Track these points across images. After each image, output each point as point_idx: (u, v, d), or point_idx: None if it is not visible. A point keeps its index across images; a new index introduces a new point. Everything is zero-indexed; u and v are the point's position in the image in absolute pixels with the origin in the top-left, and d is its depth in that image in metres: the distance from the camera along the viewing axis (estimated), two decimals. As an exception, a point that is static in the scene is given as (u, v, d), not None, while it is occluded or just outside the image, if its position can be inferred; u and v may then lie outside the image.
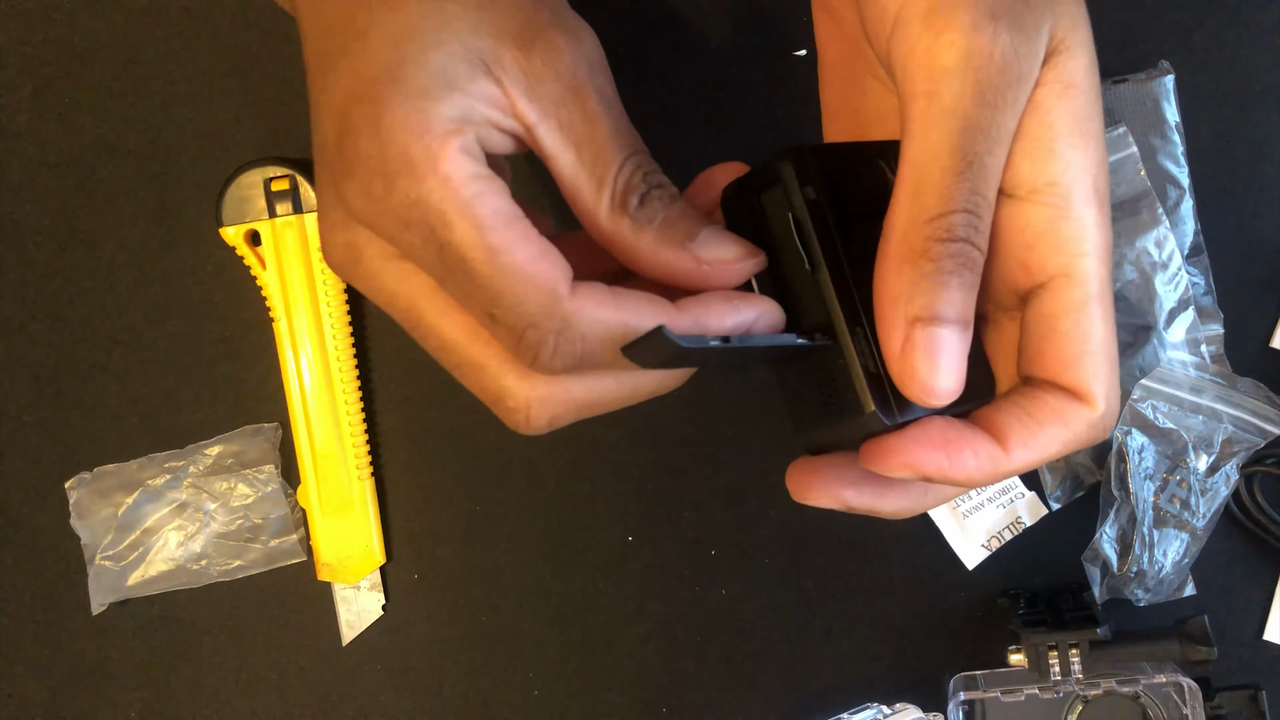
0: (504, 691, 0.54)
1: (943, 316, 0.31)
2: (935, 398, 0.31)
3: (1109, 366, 0.33)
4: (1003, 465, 0.33)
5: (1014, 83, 0.31)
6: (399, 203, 0.30)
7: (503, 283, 0.30)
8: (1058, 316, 0.33)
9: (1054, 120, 0.32)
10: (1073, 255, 0.32)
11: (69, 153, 0.55)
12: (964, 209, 0.31)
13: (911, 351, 0.31)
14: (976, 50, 0.31)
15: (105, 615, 0.54)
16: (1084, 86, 0.32)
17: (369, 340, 0.55)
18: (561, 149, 0.32)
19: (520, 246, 0.30)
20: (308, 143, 0.54)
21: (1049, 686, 0.50)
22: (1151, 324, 0.51)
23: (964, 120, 0.31)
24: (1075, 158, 0.32)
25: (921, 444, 0.32)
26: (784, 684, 0.54)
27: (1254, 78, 0.52)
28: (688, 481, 0.54)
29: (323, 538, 0.54)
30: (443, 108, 0.30)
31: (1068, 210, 0.32)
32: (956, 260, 0.31)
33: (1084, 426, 0.33)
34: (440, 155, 0.30)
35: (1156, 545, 0.51)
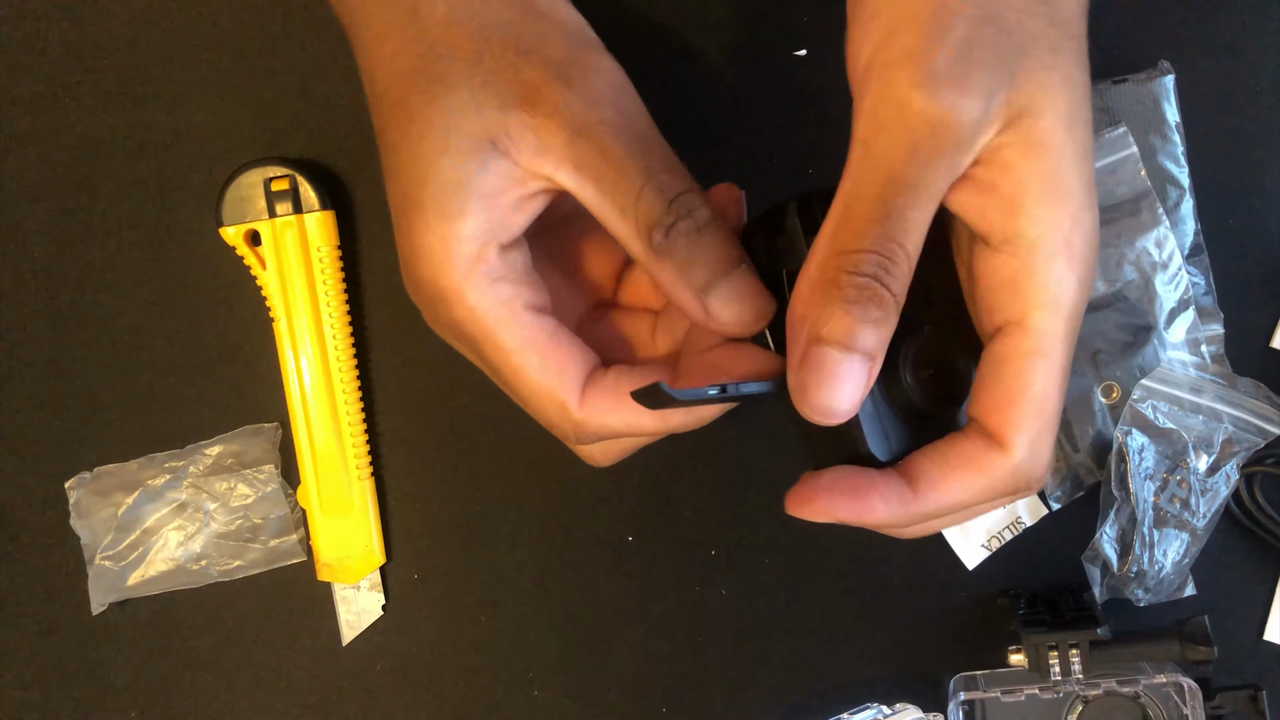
0: (504, 691, 0.54)
1: (838, 340, 0.33)
2: (820, 415, 0.33)
3: (1040, 421, 0.34)
4: (914, 508, 0.35)
5: (948, 144, 0.32)
6: (442, 322, 0.37)
7: (526, 395, 0.37)
8: (1001, 361, 0.34)
9: (1021, 178, 0.33)
10: (1029, 306, 0.33)
11: (69, 153, 0.55)
12: (875, 251, 0.32)
13: (805, 367, 0.33)
14: (913, 110, 0.32)
15: (105, 615, 0.54)
16: (1054, 144, 0.33)
17: (369, 340, 0.55)
18: (581, 184, 0.35)
19: (535, 369, 0.36)
20: (308, 143, 0.54)
21: (1049, 686, 0.50)
22: (1151, 324, 0.51)
23: (889, 173, 0.32)
24: (1045, 215, 0.33)
25: (832, 492, 0.35)
26: (784, 684, 0.54)
27: (1254, 78, 0.52)
28: (688, 481, 0.54)
29: (323, 538, 0.54)
30: (461, 227, 0.35)
31: (1031, 263, 0.33)
32: (862, 292, 0.32)
33: (999, 475, 0.34)
34: (465, 288, 0.35)
35: (1156, 545, 0.51)
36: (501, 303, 0.35)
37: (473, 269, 0.35)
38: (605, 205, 0.35)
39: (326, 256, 0.53)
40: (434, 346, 0.54)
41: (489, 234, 0.35)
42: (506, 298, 0.36)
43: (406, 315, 0.54)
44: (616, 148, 0.35)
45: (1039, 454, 0.35)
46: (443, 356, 0.54)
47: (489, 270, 0.35)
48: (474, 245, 0.35)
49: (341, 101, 0.54)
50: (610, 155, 0.35)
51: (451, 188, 0.35)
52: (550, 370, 0.36)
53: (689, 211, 0.35)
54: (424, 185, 0.35)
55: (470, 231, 0.35)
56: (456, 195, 0.35)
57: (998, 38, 0.32)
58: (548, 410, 0.37)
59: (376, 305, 0.55)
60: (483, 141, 0.35)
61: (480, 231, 0.35)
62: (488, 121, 0.35)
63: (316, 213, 0.53)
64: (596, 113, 0.35)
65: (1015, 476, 0.35)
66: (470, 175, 0.35)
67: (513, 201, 0.35)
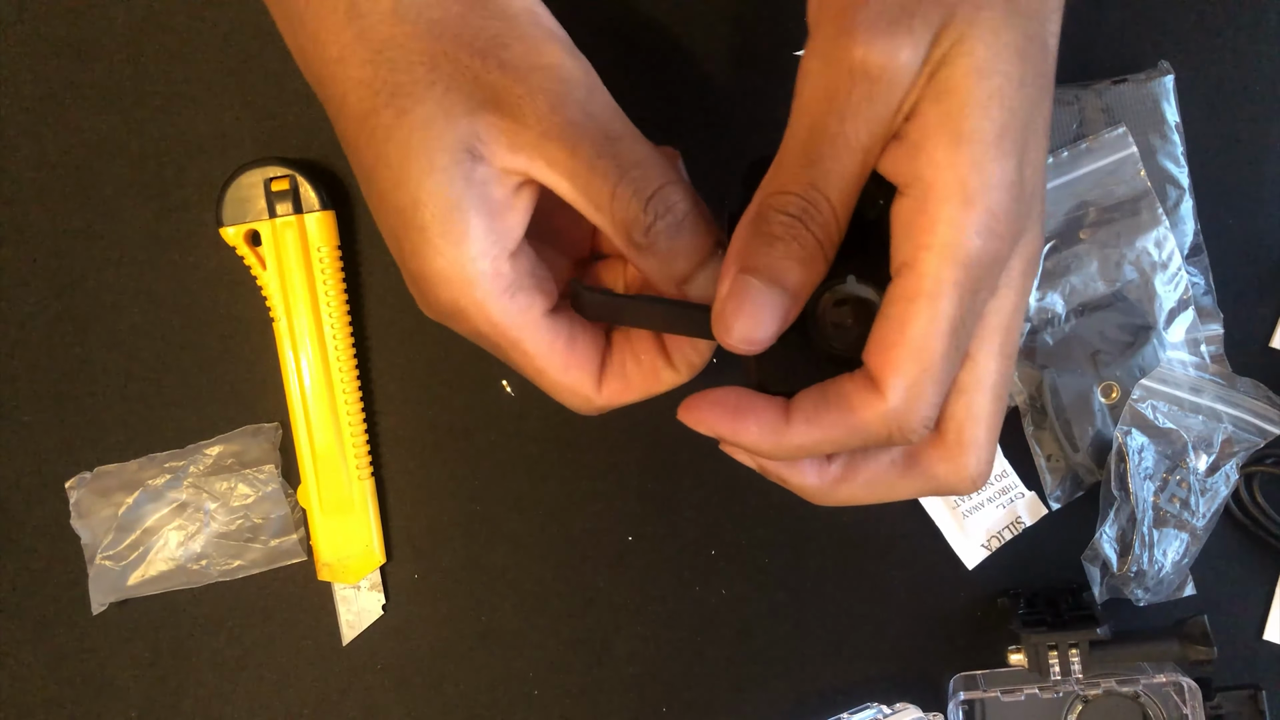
0: (504, 691, 0.54)
1: (762, 271, 0.34)
2: (737, 341, 0.34)
3: (919, 366, 0.33)
4: (785, 438, 0.35)
5: (871, 94, 0.33)
6: (464, 330, 0.38)
7: (550, 390, 0.39)
8: (888, 303, 0.34)
9: (925, 122, 0.33)
10: (918, 247, 0.33)
11: (69, 153, 0.55)
12: (798, 194, 0.34)
13: (729, 297, 0.34)
14: (833, 60, 0.33)
15: (105, 615, 0.54)
16: (961, 89, 0.33)
17: (369, 340, 0.55)
18: (556, 181, 0.35)
19: (558, 370, 0.38)
20: (308, 143, 0.54)
21: (1049, 686, 0.50)
22: (1151, 324, 0.51)
23: (811, 122, 0.33)
24: (939, 156, 0.33)
25: (716, 406, 0.36)
26: (784, 684, 0.54)
27: (1254, 78, 0.52)
28: (688, 481, 0.54)
29: (323, 538, 0.54)
30: (469, 247, 0.35)
31: (925, 206, 0.33)
32: (786, 229, 0.34)
33: (872, 416, 0.34)
34: (487, 304, 0.36)
35: (1156, 545, 0.51)
36: (521, 312, 0.37)
37: (493, 286, 0.36)
38: (581, 201, 0.36)
39: (326, 256, 0.53)
40: (434, 346, 0.54)
41: (497, 246, 0.36)
42: (525, 307, 0.37)
43: (406, 315, 0.54)
44: (584, 147, 0.35)
45: (917, 403, 0.34)
46: (443, 356, 0.54)
47: (506, 284, 0.36)
48: (486, 262, 0.35)
49: (341, 101, 0.54)
50: (580, 155, 0.35)
51: (448, 208, 0.35)
52: (571, 369, 0.38)
53: (667, 209, 0.35)
54: (420, 208, 0.35)
55: (479, 249, 0.35)
56: (454, 214, 0.35)
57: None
58: (572, 401, 0.39)
59: (376, 305, 0.55)
60: (461, 152, 0.35)
61: (488, 246, 0.35)
62: (459, 130, 0.35)
63: (316, 213, 0.53)
64: (560, 114, 0.35)
65: (888, 421, 0.34)
66: (462, 191, 0.35)
67: (506, 204, 0.36)
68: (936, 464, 0.37)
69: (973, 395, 0.36)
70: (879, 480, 0.38)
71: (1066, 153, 0.52)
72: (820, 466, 0.38)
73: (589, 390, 0.39)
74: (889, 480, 0.38)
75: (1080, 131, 0.52)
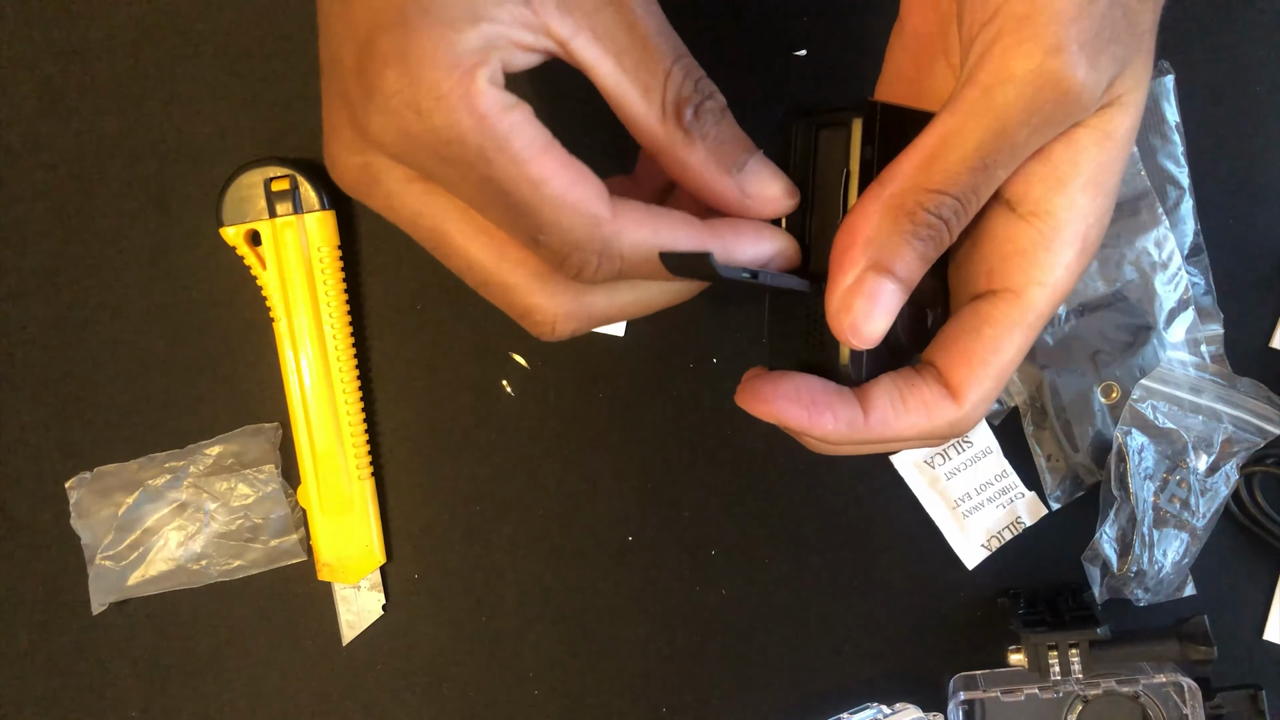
0: (504, 691, 0.54)
1: (897, 272, 0.33)
2: (859, 338, 0.34)
3: (995, 383, 0.35)
4: (860, 433, 0.35)
5: (1062, 115, 0.32)
6: (435, 139, 0.30)
7: (547, 212, 0.31)
8: (987, 323, 0.35)
9: (1081, 161, 0.33)
10: (1031, 280, 0.34)
11: (69, 153, 0.55)
12: (958, 197, 0.33)
13: (859, 290, 0.33)
14: (1047, 71, 0.31)
15: (105, 615, 0.54)
16: (1120, 141, 0.34)
17: (369, 340, 0.55)
18: (600, 58, 0.32)
19: (559, 175, 0.31)
20: (308, 143, 0.54)
21: (1049, 686, 0.50)
22: (1151, 324, 0.51)
23: (1002, 128, 0.32)
24: (1082, 203, 0.34)
25: (788, 398, 0.34)
26: (784, 684, 0.54)
27: (1254, 78, 0.52)
28: (688, 481, 0.54)
29: (323, 538, 0.54)
30: (472, 36, 0.30)
31: (1051, 244, 0.34)
32: (932, 231, 0.33)
33: (944, 422, 0.35)
34: (475, 92, 0.30)
35: (1156, 545, 0.51)
36: (514, 107, 0.31)
37: (477, 70, 0.30)
38: (625, 83, 0.32)
39: (326, 256, 0.53)
40: (434, 347, 0.54)
41: (495, 51, 0.30)
42: (517, 103, 0.31)
43: (407, 315, 0.54)
44: (646, 22, 0.32)
45: (981, 411, 0.36)
46: (443, 356, 0.54)
47: (493, 76, 0.30)
48: (483, 54, 0.30)
49: (341, 101, 0.54)
50: (638, 30, 0.32)
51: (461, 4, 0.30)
52: (578, 176, 0.31)
53: (711, 93, 0.34)
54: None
55: (483, 41, 0.30)
56: (471, 7, 0.30)
57: (1127, 24, 0.32)
58: (576, 222, 0.31)
59: (376, 305, 0.55)
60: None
61: (490, 45, 0.30)
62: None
63: (316, 213, 0.53)
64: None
65: (955, 427, 0.36)
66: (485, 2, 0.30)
67: (521, 43, 0.31)
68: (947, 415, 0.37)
69: None
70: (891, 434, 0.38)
71: (1066, 153, 0.52)
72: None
73: (601, 203, 0.31)
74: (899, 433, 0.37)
75: (1080, 131, 0.52)
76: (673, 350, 0.53)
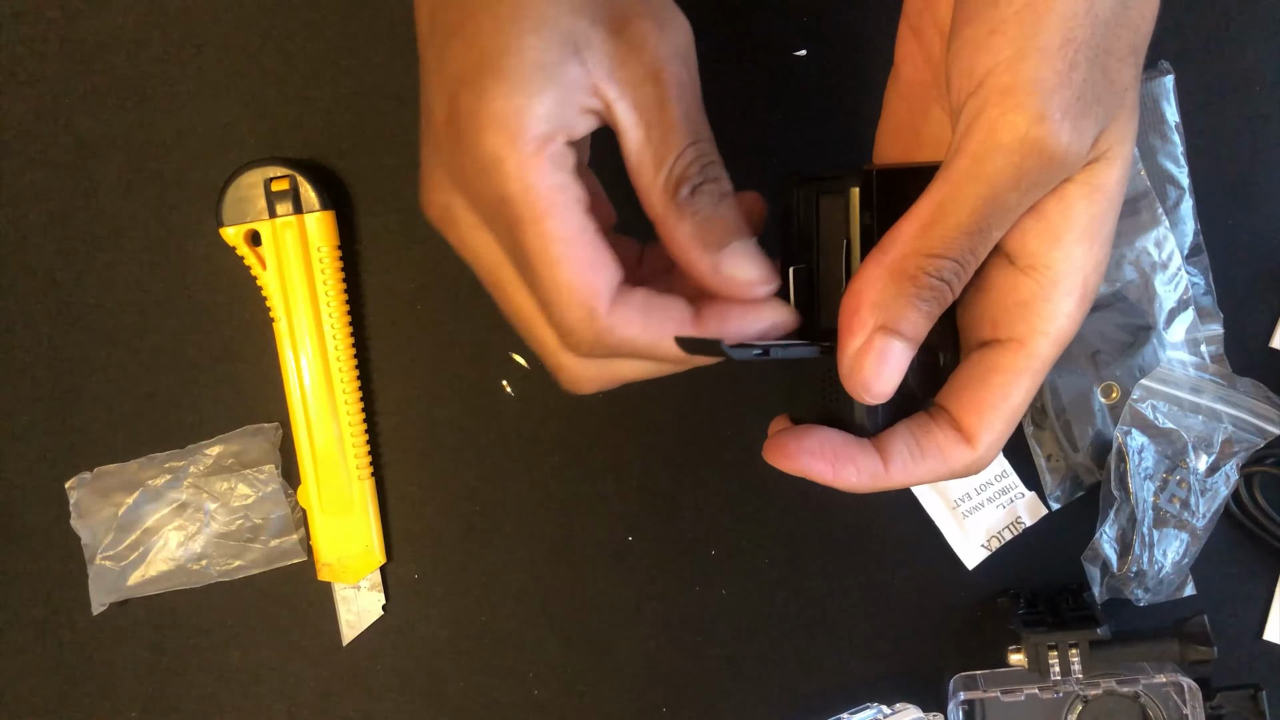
0: (504, 691, 0.54)
1: (903, 332, 0.35)
2: (871, 396, 0.36)
3: (1006, 425, 0.37)
4: (881, 482, 0.38)
5: (1050, 177, 0.34)
6: (489, 195, 0.34)
7: (553, 292, 0.35)
8: (995, 371, 0.37)
9: (1073, 215, 0.35)
10: (1034, 330, 0.36)
11: (69, 153, 0.55)
12: (957, 260, 0.35)
13: (868, 351, 0.36)
14: (1031, 140, 0.33)
15: (105, 615, 0.54)
16: (1110, 193, 0.35)
17: (369, 340, 0.55)
18: (632, 125, 0.35)
19: (574, 262, 0.34)
20: (308, 143, 0.54)
21: (1049, 686, 0.50)
22: (1151, 324, 0.51)
23: (993, 194, 0.34)
24: (1077, 254, 0.36)
25: (813, 454, 0.37)
26: (784, 684, 0.54)
27: (1254, 78, 0.52)
28: (688, 481, 0.54)
29: (323, 538, 0.54)
30: (538, 106, 0.34)
31: (1051, 293, 0.36)
32: (935, 293, 0.35)
33: (959, 465, 0.38)
34: (529, 164, 0.34)
35: (1156, 545, 0.51)
36: (559, 188, 0.34)
37: (542, 147, 0.34)
38: (645, 153, 0.35)
39: (326, 256, 0.53)
40: (434, 346, 0.54)
41: (562, 121, 0.34)
42: (564, 185, 0.35)
43: (406, 315, 0.54)
44: (676, 105, 0.35)
45: (995, 452, 0.38)
46: (443, 356, 0.54)
47: (555, 155, 0.34)
48: (548, 126, 0.34)
49: (341, 101, 0.54)
50: (668, 111, 0.35)
51: (537, 66, 0.34)
52: (587, 268, 0.35)
53: (716, 178, 0.36)
54: (508, 54, 0.34)
55: (547, 112, 0.34)
56: (538, 75, 0.34)
57: (1106, 84, 0.34)
58: (572, 310, 0.35)
59: (376, 305, 0.55)
60: (569, 41, 0.34)
61: (555, 115, 0.34)
62: (576, 25, 0.34)
63: (316, 213, 0.53)
64: (670, 65, 0.35)
65: (971, 468, 0.38)
66: (554, 63, 0.34)
67: (581, 106, 0.35)
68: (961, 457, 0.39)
69: None
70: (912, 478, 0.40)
71: (1066, 153, 0.52)
72: None
73: (599, 300, 0.35)
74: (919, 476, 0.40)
75: (1080, 131, 0.52)
76: (673, 350, 0.53)
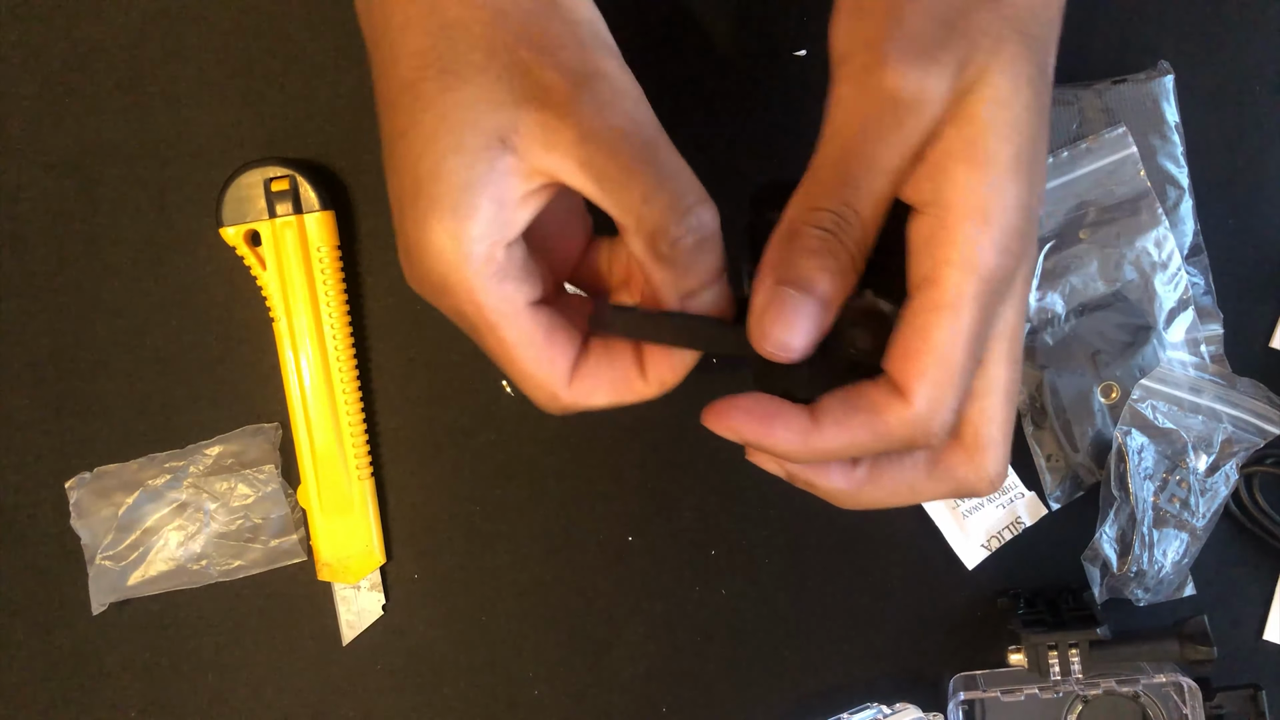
0: (504, 691, 0.54)
1: (798, 282, 0.36)
2: (776, 349, 0.36)
3: (942, 373, 0.36)
4: (814, 442, 0.37)
5: (903, 120, 0.35)
6: (446, 309, 0.38)
7: (519, 381, 0.39)
8: (911, 315, 0.36)
9: (947, 145, 0.35)
10: (939, 263, 0.35)
11: (69, 153, 0.55)
12: (831, 210, 0.36)
13: (766, 307, 0.36)
14: (867, 88, 0.35)
15: (105, 615, 0.54)
16: (982, 116, 0.35)
17: (369, 340, 0.55)
18: (584, 183, 0.36)
19: (528, 361, 0.38)
20: (308, 143, 0.54)
21: (1049, 686, 0.50)
22: (1151, 324, 0.51)
23: (845, 144, 0.35)
24: (959, 177, 0.35)
25: (743, 412, 0.38)
26: (784, 684, 0.54)
27: (1254, 78, 0.52)
28: (688, 481, 0.54)
29: (323, 538, 0.54)
30: (471, 228, 0.36)
31: (945, 224, 0.35)
32: (821, 242, 0.36)
33: (897, 422, 0.36)
34: (473, 285, 0.36)
35: (1156, 545, 0.51)
36: (506, 300, 0.37)
37: (482, 268, 0.36)
38: (610, 205, 0.37)
39: (326, 256, 0.53)
40: (434, 346, 0.54)
41: (498, 233, 0.36)
42: (511, 295, 0.37)
43: (406, 315, 0.54)
44: (625, 152, 0.36)
45: (939, 408, 0.36)
46: (443, 356, 0.54)
47: (497, 270, 0.37)
48: (484, 245, 0.36)
49: (341, 101, 0.54)
50: (619, 160, 0.36)
51: (463, 186, 0.36)
52: (543, 363, 0.38)
53: (699, 225, 0.37)
54: (436, 180, 0.36)
55: (480, 232, 0.36)
56: (468, 194, 0.36)
57: (947, 29, 0.35)
58: (538, 396, 0.39)
59: (376, 305, 0.55)
60: (494, 138, 0.36)
61: (490, 231, 0.36)
62: (500, 118, 0.36)
63: (316, 213, 0.53)
64: (605, 119, 0.36)
65: (913, 425, 0.36)
66: (481, 175, 0.36)
67: (519, 199, 0.37)
68: (957, 466, 0.39)
69: (986, 400, 0.38)
70: (903, 483, 0.40)
71: (1066, 153, 0.52)
72: (847, 471, 0.40)
73: (557, 386, 0.39)
74: (913, 483, 0.40)
75: (1080, 131, 0.52)
76: (673, 350, 0.53)
